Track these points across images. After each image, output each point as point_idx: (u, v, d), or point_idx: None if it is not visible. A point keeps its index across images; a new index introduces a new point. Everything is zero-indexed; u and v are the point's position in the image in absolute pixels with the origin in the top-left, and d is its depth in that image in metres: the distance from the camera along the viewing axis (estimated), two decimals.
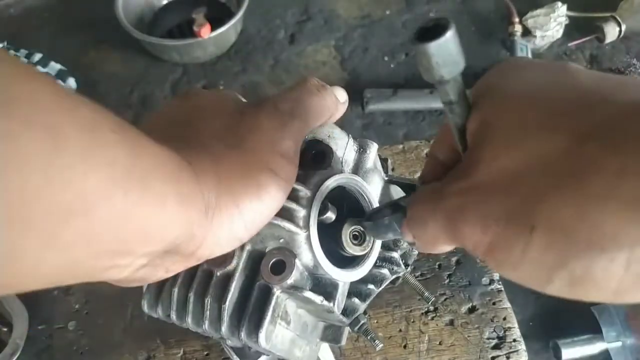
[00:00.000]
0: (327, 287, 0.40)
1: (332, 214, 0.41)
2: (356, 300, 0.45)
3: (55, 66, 1.10)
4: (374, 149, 0.46)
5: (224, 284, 0.39)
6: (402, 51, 1.16)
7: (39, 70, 0.22)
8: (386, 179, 0.48)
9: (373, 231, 0.40)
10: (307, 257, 0.39)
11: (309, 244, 0.39)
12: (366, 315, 0.58)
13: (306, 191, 0.39)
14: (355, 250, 0.42)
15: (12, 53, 1.06)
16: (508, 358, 0.62)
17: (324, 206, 0.40)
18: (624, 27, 1.06)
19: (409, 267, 0.52)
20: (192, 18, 1.12)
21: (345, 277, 0.41)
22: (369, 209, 0.44)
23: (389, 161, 0.54)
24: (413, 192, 0.34)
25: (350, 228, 0.42)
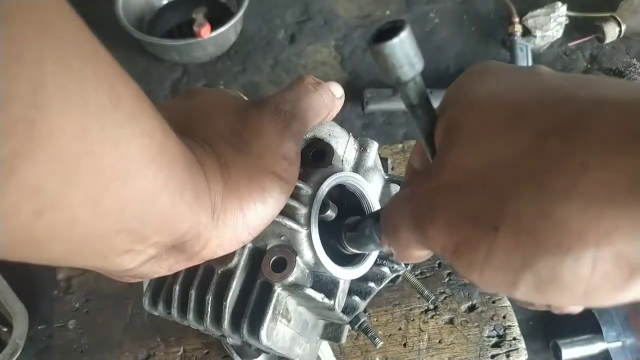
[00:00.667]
0: (328, 285, 0.40)
1: (332, 212, 0.41)
2: (356, 298, 0.45)
3: None
4: (374, 147, 0.46)
5: (225, 281, 0.39)
6: None
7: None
8: (387, 178, 0.48)
9: (355, 242, 0.40)
10: (308, 254, 0.39)
11: (309, 241, 0.39)
12: (366, 314, 0.58)
13: (307, 189, 0.39)
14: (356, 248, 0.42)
15: None
16: (508, 356, 0.62)
17: (325, 204, 0.40)
18: (624, 27, 1.06)
19: (409, 266, 0.52)
20: (192, 18, 1.12)
21: (346, 275, 0.41)
22: (369, 210, 0.44)
23: (388, 161, 0.54)
24: None
25: None
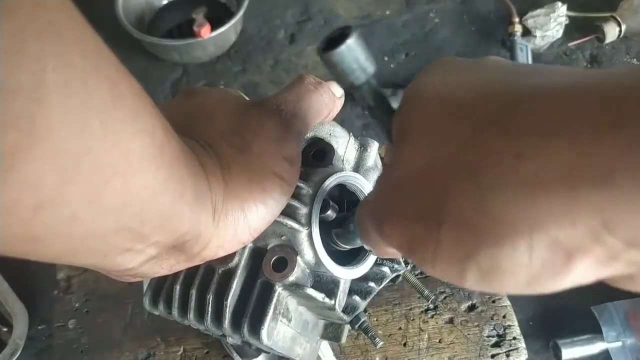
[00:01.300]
0: (329, 285, 0.40)
1: (332, 212, 0.41)
2: (357, 298, 0.45)
3: None
4: (374, 147, 0.46)
5: (226, 281, 0.39)
6: (402, 51, 1.16)
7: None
8: None
9: (342, 238, 0.40)
10: (308, 254, 0.39)
11: (310, 241, 0.39)
12: (366, 313, 0.58)
13: (308, 189, 0.39)
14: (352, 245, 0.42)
15: None
16: (508, 356, 0.62)
17: (326, 204, 0.40)
18: (624, 27, 1.06)
19: (409, 265, 0.52)
20: (192, 18, 1.12)
21: (347, 275, 0.41)
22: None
23: None
24: None
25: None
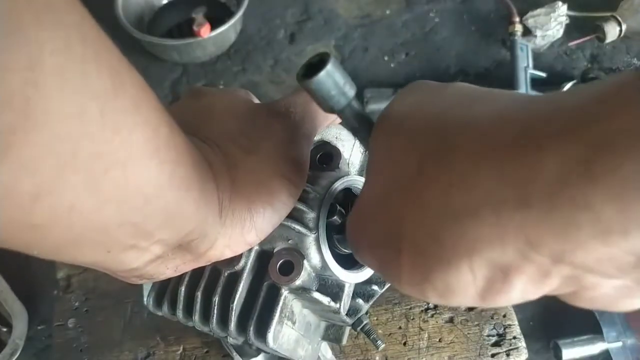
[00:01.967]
0: (334, 288, 0.40)
1: (339, 218, 0.41)
2: (360, 300, 0.45)
3: None
4: None
5: (232, 284, 0.39)
6: (402, 51, 1.16)
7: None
8: None
9: (342, 243, 0.40)
10: (315, 258, 0.39)
11: (317, 245, 0.39)
12: (367, 314, 0.57)
13: (315, 193, 0.39)
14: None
15: None
16: (508, 355, 0.61)
17: (333, 208, 0.40)
18: (624, 27, 1.06)
19: None
20: (191, 18, 1.12)
21: (352, 279, 0.41)
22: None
23: None
24: None
25: None
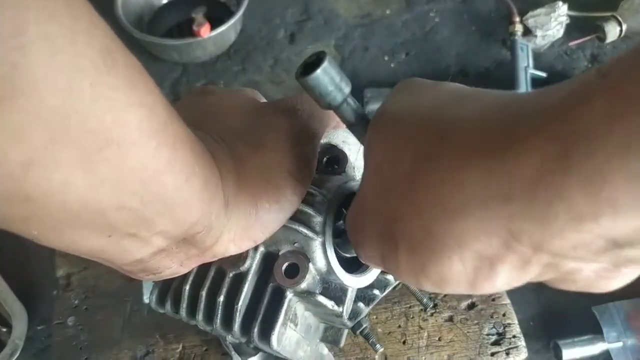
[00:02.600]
0: (337, 292, 0.39)
1: (344, 223, 0.41)
2: (361, 304, 0.45)
3: None
4: None
5: (237, 285, 0.39)
6: (402, 51, 1.16)
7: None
8: None
9: (343, 248, 0.40)
10: (320, 262, 0.39)
11: (323, 249, 0.39)
12: (367, 317, 0.57)
13: (322, 196, 0.39)
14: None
15: None
16: (508, 354, 0.61)
17: (340, 212, 0.40)
18: (624, 27, 1.06)
19: None
20: (191, 17, 1.12)
21: (356, 283, 0.41)
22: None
23: None
24: None
25: None
